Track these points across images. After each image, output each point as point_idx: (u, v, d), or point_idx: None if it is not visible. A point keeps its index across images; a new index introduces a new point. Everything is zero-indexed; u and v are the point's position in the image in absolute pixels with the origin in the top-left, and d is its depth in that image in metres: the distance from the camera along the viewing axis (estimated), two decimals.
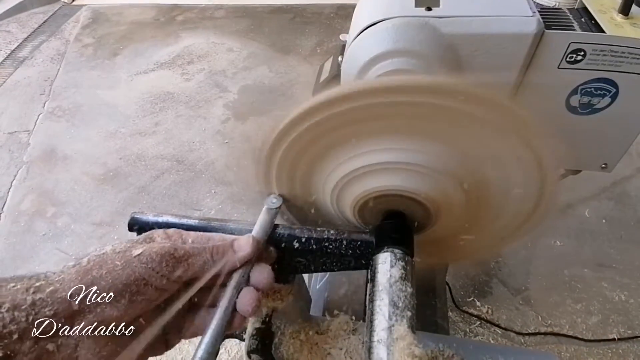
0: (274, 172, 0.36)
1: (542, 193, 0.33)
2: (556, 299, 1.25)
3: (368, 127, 0.30)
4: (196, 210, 1.54)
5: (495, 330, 1.18)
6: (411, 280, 0.29)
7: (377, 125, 0.30)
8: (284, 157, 0.35)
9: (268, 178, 0.38)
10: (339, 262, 0.35)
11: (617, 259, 1.34)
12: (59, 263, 1.37)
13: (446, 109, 0.28)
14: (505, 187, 0.33)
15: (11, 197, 1.62)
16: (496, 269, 1.33)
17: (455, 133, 0.29)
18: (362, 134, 0.31)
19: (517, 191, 0.33)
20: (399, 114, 0.29)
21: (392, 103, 0.28)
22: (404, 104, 0.28)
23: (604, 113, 0.50)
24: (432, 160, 0.31)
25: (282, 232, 0.36)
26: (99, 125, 1.93)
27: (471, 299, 1.25)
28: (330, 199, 0.37)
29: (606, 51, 0.45)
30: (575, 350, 1.14)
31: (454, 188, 0.32)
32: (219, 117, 1.95)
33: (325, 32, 2.53)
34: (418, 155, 0.31)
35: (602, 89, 0.48)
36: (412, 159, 0.31)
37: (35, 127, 1.93)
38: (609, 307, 1.22)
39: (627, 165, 1.63)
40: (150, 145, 1.81)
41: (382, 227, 0.34)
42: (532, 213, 0.35)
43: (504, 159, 0.30)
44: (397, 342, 0.26)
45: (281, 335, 0.42)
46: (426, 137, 0.30)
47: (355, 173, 0.33)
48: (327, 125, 0.31)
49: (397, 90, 0.28)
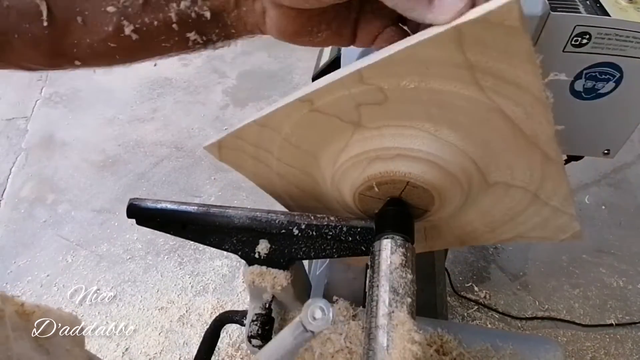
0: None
1: (544, 179, 0.32)
2: (554, 284, 1.26)
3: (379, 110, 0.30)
4: (196, 197, 1.54)
5: (493, 314, 1.20)
6: (411, 267, 0.29)
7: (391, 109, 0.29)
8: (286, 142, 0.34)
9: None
10: (339, 249, 0.35)
11: (616, 245, 1.34)
12: (60, 250, 1.38)
13: (470, 99, 0.27)
14: (507, 174, 0.32)
15: (11, 184, 1.61)
16: (495, 254, 1.34)
17: (458, 117, 0.29)
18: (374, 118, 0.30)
19: (522, 178, 0.32)
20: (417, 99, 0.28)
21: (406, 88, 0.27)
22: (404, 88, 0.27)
23: (608, 98, 0.49)
24: (436, 146, 0.30)
25: (282, 219, 0.36)
26: (96, 111, 1.91)
27: (469, 284, 1.27)
28: (330, 184, 0.36)
29: (611, 35, 0.45)
30: (573, 335, 1.15)
31: (462, 176, 0.31)
32: (218, 103, 1.93)
33: None
34: (421, 141, 0.30)
35: (607, 73, 0.48)
36: (415, 144, 0.30)
37: (33, 113, 1.91)
38: (606, 292, 1.23)
39: (627, 152, 1.62)
40: (148, 132, 1.80)
41: (382, 214, 0.34)
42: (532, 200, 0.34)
43: (518, 150, 0.30)
44: (397, 328, 0.26)
45: (281, 320, 0.42)
46: (428, 122, 0.30)
47: (358, 157, 0.32)
48: (335, 108, 0.30)
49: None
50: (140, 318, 1.21)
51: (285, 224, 0.35)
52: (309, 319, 0.28)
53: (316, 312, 0.29)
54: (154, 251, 1.38)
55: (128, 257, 1.36)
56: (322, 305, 0.29)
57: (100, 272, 1.32)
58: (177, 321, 1.21)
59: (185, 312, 1.23)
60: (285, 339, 0.30)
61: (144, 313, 1.23)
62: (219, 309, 1.23)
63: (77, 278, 1.31)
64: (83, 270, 1.33)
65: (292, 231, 0.35)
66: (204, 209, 0.37)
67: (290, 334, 0.30)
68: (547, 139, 0.29)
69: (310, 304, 0.29)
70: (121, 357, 1.13)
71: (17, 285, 1.29)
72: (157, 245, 1.39)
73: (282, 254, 0.37)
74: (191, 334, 1.19)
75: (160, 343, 1.16)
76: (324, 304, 0.29)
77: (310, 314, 0.29)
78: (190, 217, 0.37)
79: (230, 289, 1.28)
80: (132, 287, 1.29)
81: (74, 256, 1.37)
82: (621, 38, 0.45)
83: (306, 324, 0.28)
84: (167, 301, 1.25)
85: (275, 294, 0.39)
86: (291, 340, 0.30)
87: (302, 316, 0.29)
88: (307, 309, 0.29)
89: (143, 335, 1.18)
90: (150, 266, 1.34)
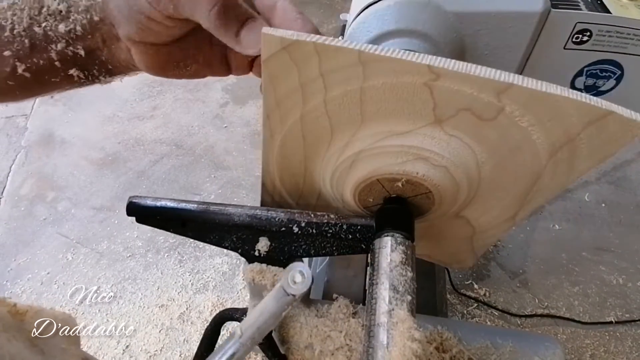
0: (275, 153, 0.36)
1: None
2: (553, 282, 1.26)
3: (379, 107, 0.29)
4: (196, 195, 1.54)
5: (492, 312, 1.20)
6: (412, 265, 0.29)
7: (390, 106, 0.29)
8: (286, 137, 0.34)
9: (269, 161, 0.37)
10: (339, 247, 0.35)
11: (615, 242, 1.35)
12: (60, 247, 1.38)
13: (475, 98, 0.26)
14: (515, 172, 0.32)
15: (10, 182, 1.61)
16: (494, 252, 1.34)
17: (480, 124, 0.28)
18: (373, 115, 0.30)
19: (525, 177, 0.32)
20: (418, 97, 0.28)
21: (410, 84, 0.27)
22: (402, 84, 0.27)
23: (608, 96, 0.49)
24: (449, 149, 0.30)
25: (282, 217, 0.35)
26: (95, 108, 1.91)
27: (469, 282, 1.27)
28: (330, 182, 0.36)
29: (612, 32, 0.44)
30: (572, 332, 1.16)
31: (463, 176, 0.31)
32: (218, 101, 1.93)
33: (325, 12, 2.48)
34: (422, 139, 0.30)
35: (608, 70, 0.48)
36: (416, 142, 0.30)
37: (32, 111, 1.91)
38: (606, 290, 1.24)
39: (628, 149, 1.62)
40: (148, 130, 1.80)
41: (382, 212, 0.34)
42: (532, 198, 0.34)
43: (522, 148, 0.30)
44: (397, 326, 0.26)
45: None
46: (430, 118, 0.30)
47: (359, 155, 0.32)
48: (336, 103, 0.29)
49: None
50: (141, 315, 1.22)
51: (285, 221, 0.35)
52: (289, 283, 0.31)
53: (296, 276, 0.31)
54: (154, 249, 1.38)
55: (128, 255, 1.37)
56: (301, 269, 0.31)
57: (101, 270, 1.33)
58: (178, 319, 1.21)
59: (185, 310, 1.23)
60: (268, 304, 0.32)
61: (144, 311, 1.23)
62: (219, 307, 1.23)
63: (78, 276, 1.31)
64: (83, 267, 1.33)
65: (292, 229, 0.35)
66: (203, 206, 0.37)
67: (272, 299, 0.32)
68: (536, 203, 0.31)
69: (290, 269, 0.31)
70: (122, 355, 1.13)
71: (17, 283, 1.29)
72: (157, 243, 1.40)
73: (282, 252, 0.37)
74: (191, 332, 1.19)
75: (160, 340, 1.16)
76: (303, 268, 0.31)
77: (290, 279, 0.31)
78: (190, 215, 0.37)
79: (230, 287, 1.28)
80: (132, 284, 1.29)
81: (74, 254, 1.37)
82: (622, 35, 0.44)
83: (287, 287, 0.31)
84: (167, 299, 1.26)
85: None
86: (274, 304, 0.31)
87: (283, 281, 0.31)
88: (288, 274, 0.31)
89: (143, 332, 1.18)
90: (151, 264, 1.34)
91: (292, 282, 0.31)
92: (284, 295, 0.31)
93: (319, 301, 0.43)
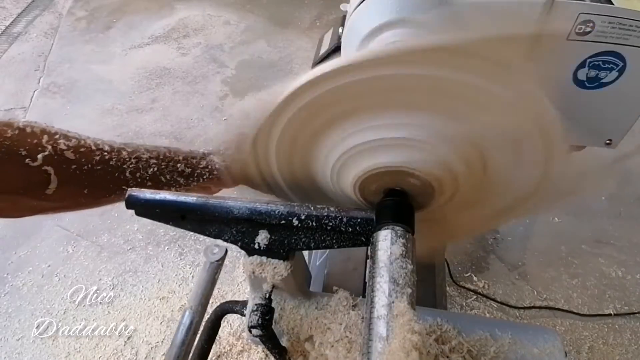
0: (273, 150, 0.36)
1: (547, 170, 0.32)
2: (552, 274, 1.26)
3: (369, 101, 0.29)
4: None
5: (491, 304, 1.20)
6: (411, 258, 0.29)
7: (380, 99, 0.29)
8: (283, 134, 0.34)
9: (267, 157, 0.37)
10: (339, 239, 0.35)
11: (615, 235, 1.35)
12: (61, 240, 1.38)
13: (451, 81, 0.27)
14: (509, 164, 0.32)
15: None
16: (494, 244, 1.34)
17: (461, 107, 0.28)
18: (364, 109, 0.30)
19: (522, 168, 0.32)
20: (403, 87, 0.28)
21: (396, 76, 0.27)
22: (409, 76, 0.27)
23: (611, 87, 0.49)
24: (436, 135, 0.30)
25: (281, 210, 0.35)
26: (94, 101, 1.90)
27: (468, 274, 1.27)
28: (330, 177, 0.36)
29: (615, 24, 0.44)
30: (571, 324, 1.16)
31: (458, 165, 0.31)
32: (217, 93, 1.92)
33: (325, 3, 2.45)
34: (422, 131, 0.30)
35: (610, 62, 0.47)
36: (416, 134, 0.30)
37: (31, 103, 1.90)
38: (605, 282, 1.24)
39: (628, 142, 1.61)
40: (147, 122, 1.79)
41: (382, 205, 0.34)
42: (535, 190, 0.34)
43: (510, 134, 0.30)
44: (397, 319, 0.26)
45: (281, 310, 0.42)
46: (429, 111, 0.30)
47: (357, 149, 0.32)
48: (327, 99, 0.30)
49: (400, 61, 0.27)
50: (142, 308, 1.22)
51: (284, 214, 0.35)
52: (209, 255, 0.44)
53: (214, 249, 0.44)
54: (154, 242, 1.38)
55: (129, 248, 1.37)
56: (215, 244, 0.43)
57: (101, 263, 1.33)
58: (179, 311, 1.22)
59: (186, 302, 1.23)
60: (201, 276, 0.43)
61: (145, 303, 1.24)
62: (220, 299, 1.24)
63: (78, 268, 1.31)
64: (84, 260, 1.34)
65: (292, 222, 0.35)
66: (203, 199, 0.37)
67: (204, 272, 0.43)
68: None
69: (206, 249, 0.44)
70: (123, 346, 1.14)
71: (18, 275, 1.30)
72: (157, 236, 1.40)
73: (281, 245, 0.37)
74: None
75: (162, 332, 1.17)
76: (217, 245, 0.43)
77: (210, 252, 0.44)
78: (189, 208, 0.37)
79: (230, 279, 1.29)
80: (133, 277, 1.29)
81: (75, 247, 1.37)
82: (624, 27, 0.44)
83: (209, 258, 0.44)
84: (168, 291, 1.26)
85: (275, 284, 0.39)
86: (205, 274, 0.43)
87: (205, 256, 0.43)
88: (207, 252, 0.44)
89: (145, 324, 1.19)
90: (151, 256, 1.35)
91: (212, 253, 0.43)
92: (210, 265, 0.43)
93: (319, 294, 0.43)
